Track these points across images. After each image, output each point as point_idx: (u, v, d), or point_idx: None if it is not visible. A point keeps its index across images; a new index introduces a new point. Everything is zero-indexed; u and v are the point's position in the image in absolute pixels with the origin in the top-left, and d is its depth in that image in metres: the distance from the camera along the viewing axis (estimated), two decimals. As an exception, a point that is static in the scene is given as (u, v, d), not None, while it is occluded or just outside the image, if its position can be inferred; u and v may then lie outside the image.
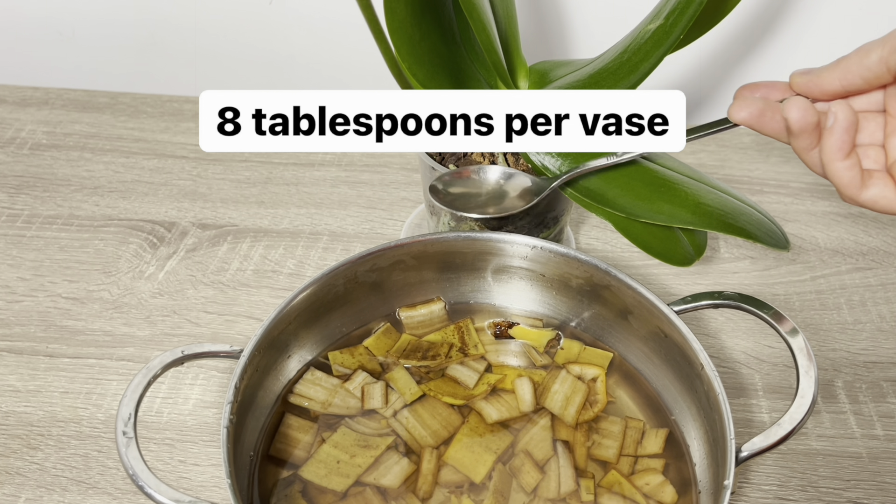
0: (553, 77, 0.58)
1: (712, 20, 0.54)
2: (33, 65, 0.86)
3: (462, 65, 0.54)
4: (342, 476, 0.48)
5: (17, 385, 0.58)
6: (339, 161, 0.78)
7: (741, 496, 0.53)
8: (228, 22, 0.81)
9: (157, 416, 0.56)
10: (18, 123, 0.81)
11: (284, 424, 0.50)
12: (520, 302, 0.58)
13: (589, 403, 0.52)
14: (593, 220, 0.72)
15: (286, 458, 0.49)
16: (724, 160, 0.79)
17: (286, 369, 0.53)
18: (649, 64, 0.51)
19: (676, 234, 0.54)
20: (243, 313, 0.63)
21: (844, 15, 0.76)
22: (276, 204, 0.73)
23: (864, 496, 0.53)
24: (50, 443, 0.55)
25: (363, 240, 0.70)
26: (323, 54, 0.82)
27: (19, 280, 0.65)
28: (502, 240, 0.54)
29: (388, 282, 0.56)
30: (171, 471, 0.53)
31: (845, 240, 0.71)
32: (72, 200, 0.73)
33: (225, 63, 0.84)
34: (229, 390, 0.45)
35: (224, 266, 0.67)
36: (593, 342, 0.56)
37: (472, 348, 0.55)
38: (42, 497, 0.52)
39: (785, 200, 0.75)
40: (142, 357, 0.60)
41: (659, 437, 0.50)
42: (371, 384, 0.52)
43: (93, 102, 0.84)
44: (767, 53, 0.79)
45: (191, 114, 0.83)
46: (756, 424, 0.57)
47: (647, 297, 0.50)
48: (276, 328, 0.49)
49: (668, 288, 0.66)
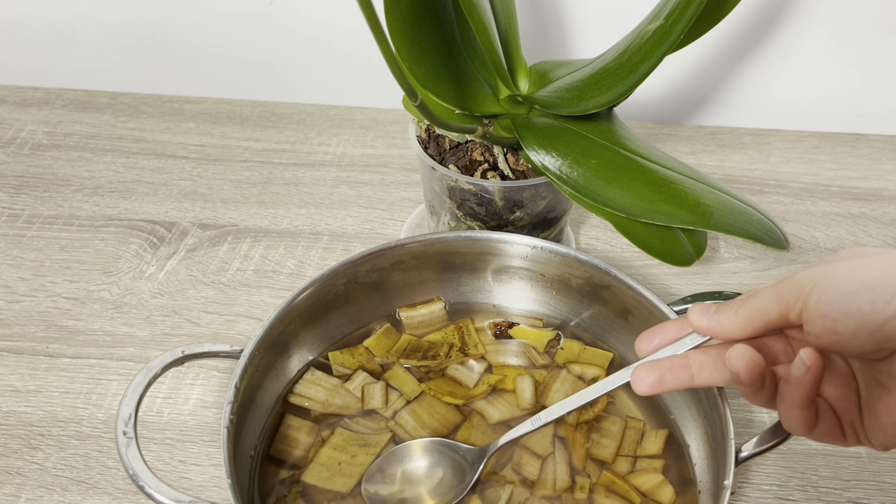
0: (553, 77, 0.58)
1: (712, 20, 0.54)
2: (33, 65, 0.86)
3: (462, 65, 0.54)
4: (346, 477, 0.48)
5: (17, 385, 0.58)
6: (340, 161, 0.78)
7: (741, 496, 0.53)
8: (228, 22, 0.81)
9: (157, 416, 0.56)
10: (19, 123, 0.81)
11: (285, 425, 0.50)
12: (520, 302, 0.58)
13: (589, 404, 0.52)
14: (593, 220, 0.72)
15: (286, 458, 0.49)
16: (724, 160, 0.79)
17: (286, 369, 0.53)
18: (649, 64, 0.51)
19: (676, 234, 0.54)
20: (243, 313, 0.63)
21: (844, 15, 0.76)
22: (277, 204, 0.73)
23: (864, 496, 0.53)
24: (50, 443, 0.55)
25: (363, 240, 0.70)
26: (323, 54, 0.82)
27: (20, 280, 0.65)
28: (502, 240, 0.54)
29: (388, 282, 0.56)
30: (171, 471, 0.53)
31: (845, 240, 0.71)
32: (72, 200, 0.73)
33: (225, 63, 0.84)
34: (229, 390, 0.45)
35: (224, 266, 0.67)
36: (593, 342, 0.56)
37: (472, 348, 0.55)
38: (42, 497, 0.52)
39: (785, 200, 0.75)
40: (142, 357, 0.60)
41: (659, 438, 0.50)
42: (371, 384, 0.52)
43: (93, 102, 0.84)
44: (767, 53, 0.79)
45: (191, 114, 0.83)
46: (756, 424, 0.57)
47: (647, 297, 0.50)
48: (276, 328, 0.49)
49: (668, 288, 0.66)
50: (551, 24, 0.78)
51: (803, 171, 0.78)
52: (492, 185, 0.56)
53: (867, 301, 0.33)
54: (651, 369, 0.41)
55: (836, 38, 0.78)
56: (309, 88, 0.85)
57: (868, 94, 0.82)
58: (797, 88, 0.82)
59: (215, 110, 0.84)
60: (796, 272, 0.37)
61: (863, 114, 0.83)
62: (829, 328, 0.34)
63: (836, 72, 0.80)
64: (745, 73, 0.81)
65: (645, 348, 0.43)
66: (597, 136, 0.54)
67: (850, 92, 0.82)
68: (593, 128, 0.55)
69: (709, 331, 0.40)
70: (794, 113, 0.84)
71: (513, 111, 0.56)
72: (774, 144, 0.81)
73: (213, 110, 0.84)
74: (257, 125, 0.82)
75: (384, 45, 0.42)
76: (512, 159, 0.59)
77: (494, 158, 0.59)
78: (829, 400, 0.39)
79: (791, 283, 0.36)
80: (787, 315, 0.37)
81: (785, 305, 0.36)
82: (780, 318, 0.37)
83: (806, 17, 0.76)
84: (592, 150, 0.53)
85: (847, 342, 0.34)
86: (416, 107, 0.49)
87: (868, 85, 0.81)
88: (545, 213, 0.60)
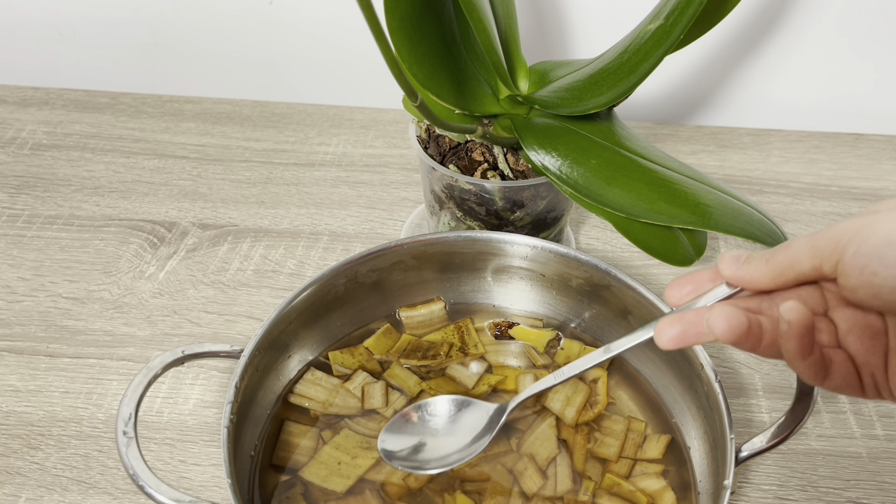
0: (553, 77, 0.58)
1: (712, 20, 0.54)
2: (33, 65, 0.86)
3: (462, 65, 0.54)
4: (343, 477, 0.48)
5: (17, 385, 0.58)
6: (340, 161, 0.78)
7: (741, 496, 0.53)
8: (228, 22, 0.81)
9: (157, 415, 0.56)
10: (19, 123, 0.81)
11: (285, 432, 0.50)
12: (520, 302, 0.58)
13: (589, 404, 0.52)
14: (593, 220, 0.72)
15: (288, 464, 0.49)
16: (724, 160, 0.79)
17: (286, 369, 0.53)
18: (649, 64, 0.51)
19: (676, 234, 0.54)
20: (243, 313, 0.63)
21: (844, 15, 0.76)
22: (277, 204, 0.73)
23: (863, 496, 0.53)
24: (50, 443, 0.55)
25: (363, 240, 0.70)
26: (323, 54, 0.82)
27: (20, 280, 0.65)
28: (502, 240, 0.54)
29: (388, 282, 0.56)
30: (171, 471, 0.53)
31: (845, 240, 0.71)
32: (72, 200, 0.73)
33: (225, 63, 0.84)
34: (230, 390, 0.45)
35: (224, 266, 0.67)
36: (593, 342, 0.56)
37: (472, 348, 0.55)
38: (42, 497, 0.52)
39: (785, 200, 0.75)
40: (142, 357, 0.60)
41: (660, 442, 0.50)
42: (371, 384, 0.52)
43: (93, 102, 0.84)
44: (767, 53, 0.79)
45: (191, 114, 0.83)
46: (756, 424, 0.57)
47: (647, 297, 0.50)
48: (276, 328, 0.49)
49: (668, 288, 0.66)
50: (551, 24, 0.78)
51: (803, 171, 0.78)
52: (492, 185, 0.56)
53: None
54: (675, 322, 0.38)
55: (836, 39, 0.78)
56: (309, 88, 0.85)
57: (868, 94, 0.82)
58: (797, 88, 0.82)
59: (215, 110, 0.84)
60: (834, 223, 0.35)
61: (863, 114, 0.83)
62: (868, 281, 0.33)
63: (836, 72, 0.80)
64: (745, 73, 0.81)
65: (675, 295, 0.40)
66: (597, 136, 0.54)
67: (850, 92, 0.82)
68: (593, 128, 0.55)
69: (738, 280, 0.38)
70: (794, 113, 0.84)
71: (513, 111, 0.56)
72: (774, 144, 0.81)
73: (213, 110, 0.84)
74: (257, 125, 0.82)
75: (384, 45, 0.42)
76: (512, 159, 0.59)
77: (494, 158, 0.59)
78: (851, 350, 0.37)
79: (828, 235, 0.34)
80: (821, 267, 0.35)
81: (819, 257, 0.35)
82: (814, 269, 0.35)
83: (806, 18, 0.76)
84: (592, 150, 0.53)
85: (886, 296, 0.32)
86: (416, 107, 0.49)
87: (868, 85, 0.81)
88: (545, 213, 0.60)
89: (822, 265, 0.35)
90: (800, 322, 0.35)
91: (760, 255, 0.38)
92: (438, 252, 0.55)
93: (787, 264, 0.36)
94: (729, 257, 0.39)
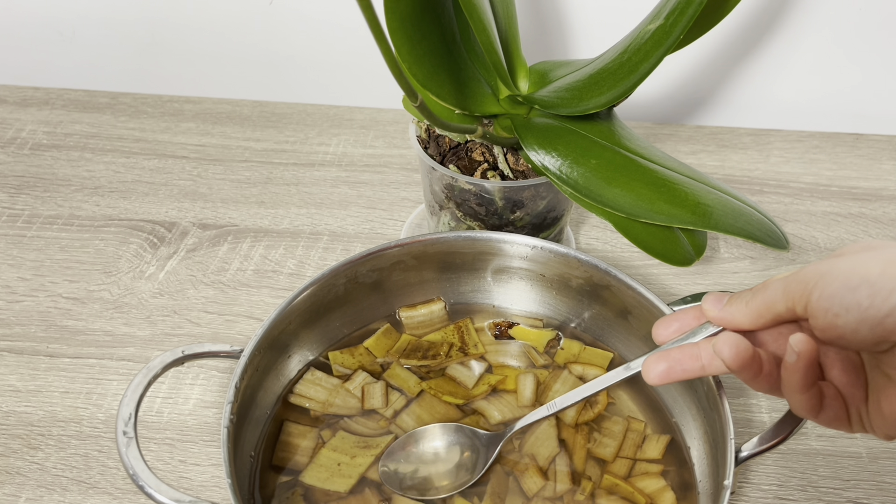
0: (553, 77, 0.58)
1: (712, 20, 0.54)
2: (33, 65, 0.86)
3: (462, 65, 0.54)
4: (344, 477, 0.48)
5: (17, 385, 0.58)
6: (340, 161, 0.78)
7: (741, 496, 0.53)
8: (228, 22, 0.81)
9: (157, 415, 0.56)
10: (19, 123, 0.81)
11: (284, 433, 0.50)
12: (520, 302, 0.58)
13: (589, 404, 0.52)
14: (593, 220, 0.72)
15: (288, 465, 0.49)
16: (724, 160, 0.79)
17: (286, 369, 0.53)
18: (649, 64, 0.51)
19: (676, 234, 0.54)
20: (243, 313, 0.63)
21: (844, 15, 0.76)
22: (277, 204, 0.73)
23: (863, 496, 0.53)
24: (50, 443, 0.55)
25: (363, 240, 0.70)
26: (323, 54, 0.82)
27: (20, 280, 0.65)
28: (502, 240, 0.54)
29: (388, 282, 0.56)
30: (171, 471, 0.53)
31: (845, 240, 0.71)
32: (72, 200, 0.73)
33: (225, 63, 0.84)
34: (229, 390, 0.45)
35: (224, 266, 0.67)
36: (593, 342, 0.56)
37: (472, 348, 0.55)
38: (42, 497, 0.52)
39: (785, 200, 0.75)
40: (142, 357, 0.60)
41: (660, 443, 0.50)
42: (371, 384, 0.52)
43: (93, 102, 0.84)
44: (767, 53, 0.79)
45: (191, 114, 0.83)
46: (756, 424, 0.57)
47: (647, 297, 0.50)
48: (276, 328, 0.49)
49: (668, 288, 0.66)
50: (551, 24, 0.78)
51: (803, 171, 0.78)
52: (492, 185, 0.56)
53: (866, 296, 0.33)
54: (661, 360, 0.41)
55: (835, 39, 0.78)
56: (309, 88, 0.85)
57: (868, 94, 0.82)
58: (797, 88, 0.82)
59: (215, 110, 0.84)
60: (805, 266, 0.37)
61: (863, 114, 0.83)
62: (832, 323, 0.35)
63: (836, 72, 0.80)
64: (745, 73, 0.81)
65: (662, 333, 0.43)
66: (597, 136, 0.54)
67: (850, 92, 0.82)
68: (593, 128, 0.55)
69: (720, 321, 0.40)
70: (794, 113, 0.84)
71: (513, 111, 0.56)
72: (774, 144, 0.81)
73: (213, 110, 0.84)
74: (257, 125, 0.82)
75: (384, 46, 0.42)
76: (512, 159, 0.59)
77: (494, 158, 0.59)
78: (838, 385, 0.39)
79: (797, 278, 0.37)
80: (794, 309, 0.37)
81: (792, 300, 0.37)
82: (789, 311, 0.37)
83: (806, 18, 0.76)
84: (592, 150, 0.53)
85: (849, 336, 0.34)
86: (416, 107, 0.49)
87: (868, 85, 0.81)
88: (545, 213, 0.60)
89: (794, 307, 0.37)
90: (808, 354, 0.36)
91: (741, 296, 0.40)
92: (438, 252, 0.55)
93: (764, 307, 0.38)
94: (712, 298, 0.41)
